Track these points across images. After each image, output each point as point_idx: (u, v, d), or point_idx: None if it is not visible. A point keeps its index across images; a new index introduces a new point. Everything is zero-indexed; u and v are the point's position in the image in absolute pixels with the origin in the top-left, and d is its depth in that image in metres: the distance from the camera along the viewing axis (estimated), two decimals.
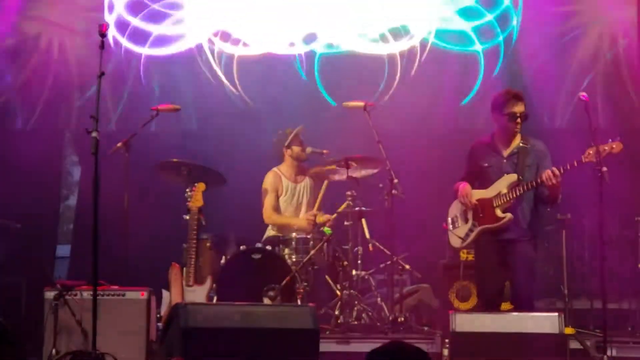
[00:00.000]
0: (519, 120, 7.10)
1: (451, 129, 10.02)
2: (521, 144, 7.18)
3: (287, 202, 8.72)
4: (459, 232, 7.35)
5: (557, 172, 6.78)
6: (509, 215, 7.04)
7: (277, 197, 8.69)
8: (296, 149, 8.72)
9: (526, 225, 7.13)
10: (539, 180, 6.91)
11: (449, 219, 7.47)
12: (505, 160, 7.20)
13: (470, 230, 7.24)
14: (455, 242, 7.40)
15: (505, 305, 7.48)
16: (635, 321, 8.83)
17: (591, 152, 6.63)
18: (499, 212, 7.07)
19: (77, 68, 9.65)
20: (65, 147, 10.86)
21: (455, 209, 7.43)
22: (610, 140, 6.67)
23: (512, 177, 7.09)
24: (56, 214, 10.66)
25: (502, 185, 7.10)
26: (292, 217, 8.64)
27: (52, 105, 9.79)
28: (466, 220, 7.29)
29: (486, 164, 7.26)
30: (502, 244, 7.14)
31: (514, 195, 7.02)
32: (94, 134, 5.57)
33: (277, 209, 8.68)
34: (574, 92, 6.95)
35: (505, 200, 7.04)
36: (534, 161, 7.14)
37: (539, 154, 7.17)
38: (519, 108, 7.11)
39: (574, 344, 7.51)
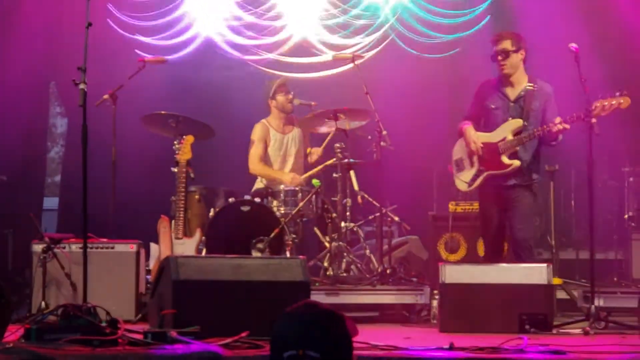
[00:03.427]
0: (499, 57, 7.10)
1: (440, 80, 9.98)
2: (528, 86, 7.15)
3: (276, 152, 8.66)
4: (465, 176, 7.32)
5: (567, 125, 6.79)
6: (516, 162, 7.02)
7: (265, 148, 8.64)
8: (281, 99, 8.64)
9: (528, 170, 7.13)
10: (546, 129, 6.88)
11: (454, 161, 7.43)
12: (512, 104, 7.16)
13: (477, 175, 7.21)
14: (462, 186, 7.37)
15: None
16: (621, 271, 8.90)
17: (599, 105, 6.61)
18: (505, 159, 7.05)
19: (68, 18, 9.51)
20: (50, 98, 10.78)
21: (460, 151, 7.38)
22: (617, 94, 6.64)
23: (518, 122, 7.06)
24: (43, 166, 10.61)
25: (507, 130, 7.07)
26: (278, 172, 8.58)
27: (39, 57, 9.67)
28: (472, 164, 7.26)
29: (493, 106, 7.22)
30: (505, 189, 7.14)
31: (520, 142, 7.01)
32: (81, 86, 5.48)
33: (264, 159, 8.61)
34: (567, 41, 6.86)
35: (510, 146, 7.03)
36: (540, 104, 7.09)
37: (545, 96, 7.12)
38: (498, 46, 7.12)
39: (561, 294, 7.58)
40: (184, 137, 7.69)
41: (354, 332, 3.24)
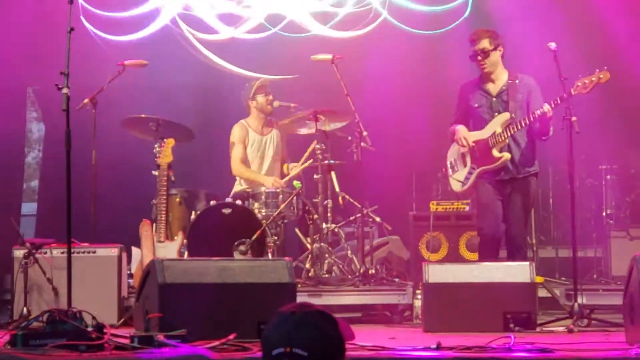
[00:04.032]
0: (478, 57, 7.14)
1: (420, 80, 9.99)
2: (509, 81, 7.18)
3: (254, 153, 8.68)
4: (458, 176, 7.34)
5: (549, 108, 6.78)
6: (506, 154, 7.05)
7: (245, 149, 8.65)
8: (261, 99, 8.65)
9: (525, 160, 7.15)
10: (531, 117, 6.91)
11: (448, 164, 7.46)
12: (495, 99, 7.20)
13: (470, 173, 7.24)
14: (456, 186, 7.39)
15: None
16: (600, 268, 8.96)
17: (580, 84, 6.64)
18: (495, 153, 7.07)
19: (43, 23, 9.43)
20: (27, 103, 10.70)
21: (453, 153, 7.42)
22: (597, 70, 6.67)
23: (505, 115, 7.08)
24: (21, 172, 10.52)
25: (496, 124, 7.09)
26: (260, 175, 8.58)
27: (16, 62, 9.59)
28: (465, 164, 7.29)
29: (476, 105, 7.26)
30: (501, 183, 7.15)
31: (509, 134, 7.03)
32: (64, 90, 5.46)
33: (245, 160, 8.63)
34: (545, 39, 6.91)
35: (500, 139, 7.04)
36: (524, 97, 7.12)
37: (528, 88, 7.14)
38: (476, 46, 7.15)
39: (541, 292, 7.60)
40: (165, 140, 7.69)
41: (349, 336, 3.24)
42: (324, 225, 8.05)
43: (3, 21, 9.38)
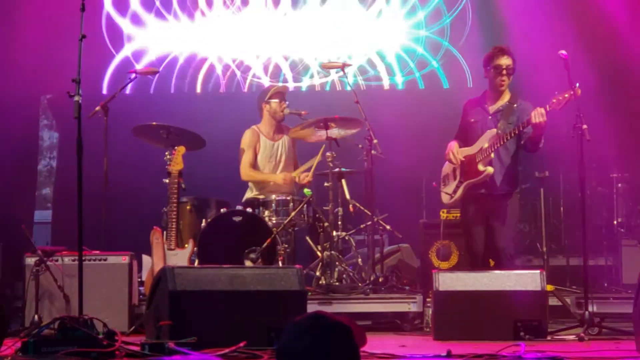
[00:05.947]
0: (504, 72, 7.16)
1: (431, 90, 10.01)
2: (508, 102, 7.23)
3: (265, 160, 8.65)
4: (447, 189, 7.45)
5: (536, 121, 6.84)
6: (489, 168, 7.12)
7: (255, 155, 8.63)
8: (274, 104, 8.60)
9: (507, 179, 7.21)
10: (517, 130, 6.98)
11: (442, 178, 7.58)
12: (490, 117, 7.27)
13: (457, 187, 7.34)
14: (445, 198, 7.50)
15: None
16: (611, 277, 8.94)
17: (554, 100, 6.72)
18: (480, 167, 7.16)
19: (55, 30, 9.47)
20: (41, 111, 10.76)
21: (447, 168, 7.53)
22: (570, 87, 6.71)
23: (492, 131, 7.16)
24: (34, 179, 10.56)
25: (484, 140, 7.19)
26: (269, 175, 8.58)
27: (29, 69, 9.64)
28: (455, 177, 7.39)
29: (472, 120, 7.36)
30: (485, 198, 7.22)
31: (494, 149, 7.09)
32: (76, 98, 5.49)
33: (254, 166, 8.61)
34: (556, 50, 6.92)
35: (486, 154, 7.12)
36: (516, 119, 7.17)
37: (524, 112, 7.17)
38: (504, 61, 7.18)
39: (552, 301, 7.59)
40: (176, 148, 7.71)
41: (362, 342, 3.21)
42: (335, 233, 8.05)
43: (17, 29, 9.44)
